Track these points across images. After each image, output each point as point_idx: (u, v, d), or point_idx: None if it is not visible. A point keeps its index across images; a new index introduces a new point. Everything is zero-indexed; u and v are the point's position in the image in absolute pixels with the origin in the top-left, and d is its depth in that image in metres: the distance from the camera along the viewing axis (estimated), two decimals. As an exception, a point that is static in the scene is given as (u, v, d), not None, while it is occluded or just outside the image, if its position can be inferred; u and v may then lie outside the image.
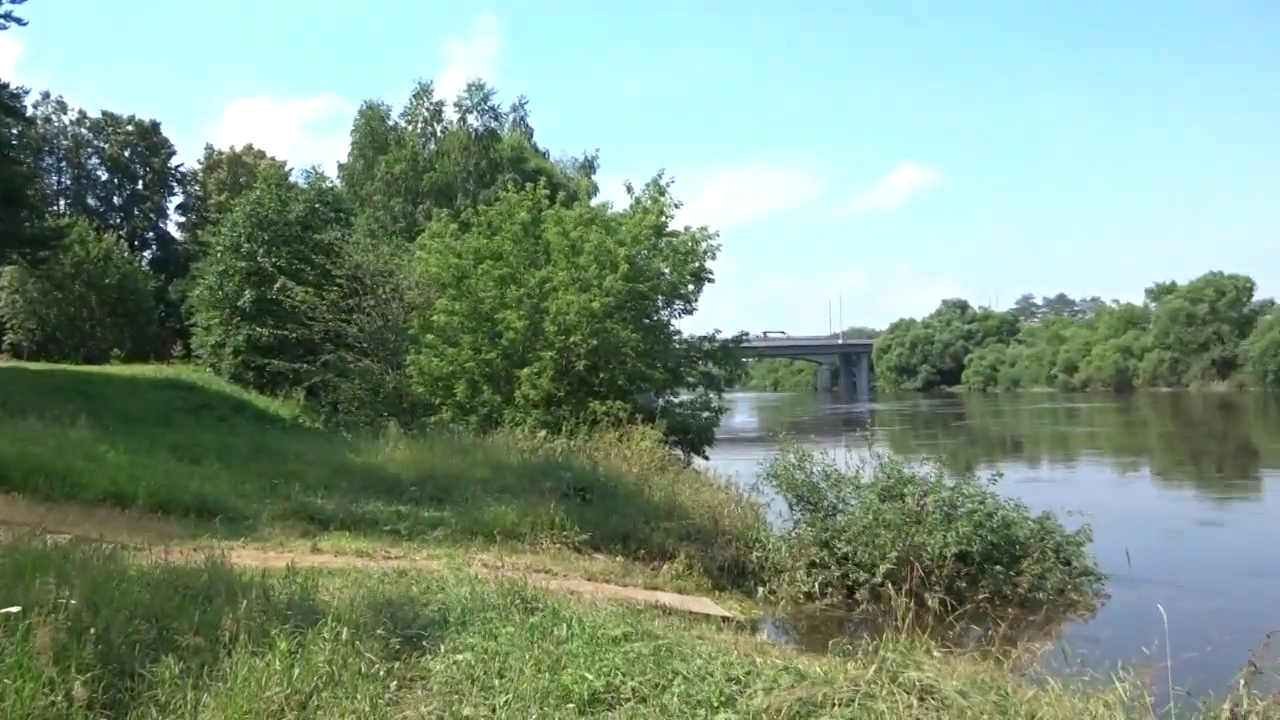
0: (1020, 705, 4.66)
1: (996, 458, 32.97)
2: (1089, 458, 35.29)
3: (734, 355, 26.12)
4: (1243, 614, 6.69)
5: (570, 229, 22.83)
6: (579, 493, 13.31)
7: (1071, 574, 11.86)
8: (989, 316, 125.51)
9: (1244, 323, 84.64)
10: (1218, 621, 5.60)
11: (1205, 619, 6.41)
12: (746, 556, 12.22)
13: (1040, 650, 5.80)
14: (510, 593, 7.03)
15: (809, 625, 10.80)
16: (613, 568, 10.52)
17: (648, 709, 4.96)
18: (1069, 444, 42.27)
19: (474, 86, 42.10)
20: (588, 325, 21.08)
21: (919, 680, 4.99)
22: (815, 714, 4.81)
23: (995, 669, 5.31)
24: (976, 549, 11.06)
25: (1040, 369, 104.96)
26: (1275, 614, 5.45)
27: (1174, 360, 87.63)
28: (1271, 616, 5.39)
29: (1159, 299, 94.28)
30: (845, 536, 11.60)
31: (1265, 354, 76.58)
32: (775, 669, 5.66)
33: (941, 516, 11.27)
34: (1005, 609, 9.78)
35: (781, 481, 12.97)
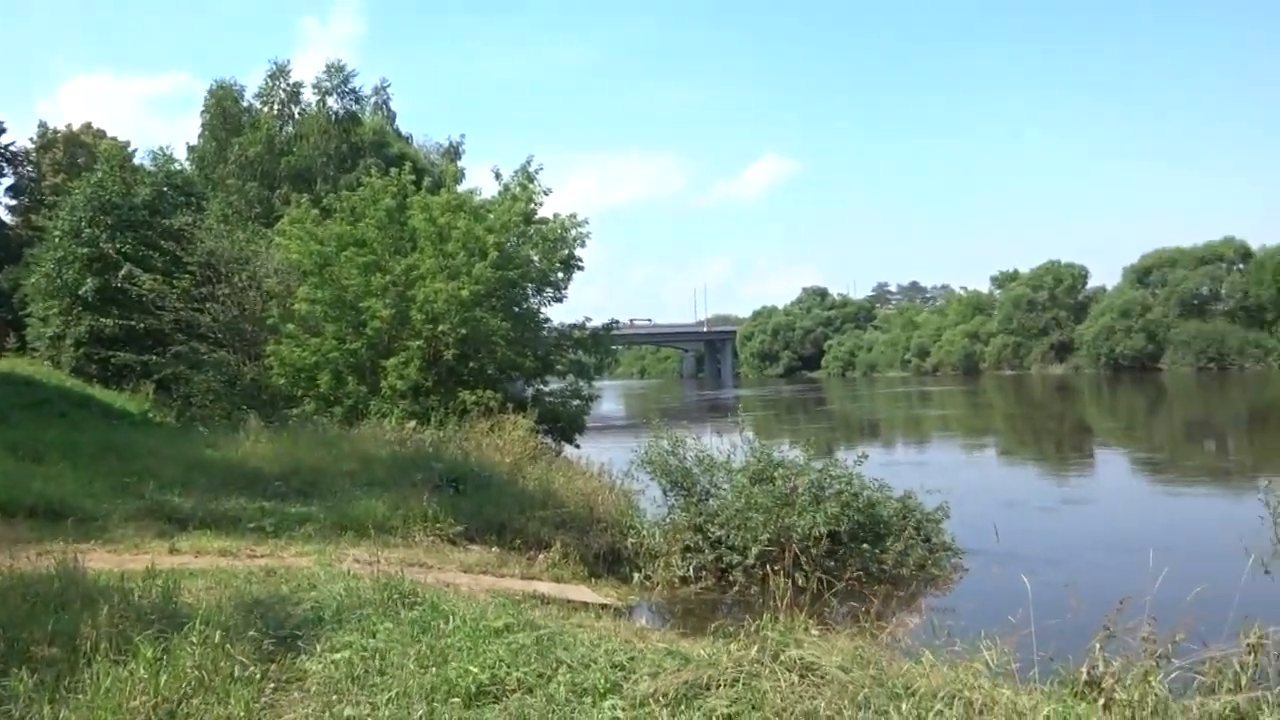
0: (896, 678, 4.83)
1: (857, 440, 34.12)
2: (942, 438, 36.95)
3: (604, 343, 26.20)
4: (1093, 585, 7.15)
5: (437, 216, 22.40)
6: (451, 484, 13.11)
7: (932, 550, 12.39)
8: (847, 304, 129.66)
9: (1079, 309, 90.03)
10: (1071, 591, 5.94)
11: (1058, 590, 6.80)
12: (622, 543, 12.29)
13: (911, 624, 6.04)
14: (387, 588, 6.87)
15: (684, 609, 10.95)
16: (489, 559, 10.41)
17: (534, 699, 4.93)
18: (923, 426, 44.13)
19: (333, 68, 40.73)
20: (456, 314, 20.76)
21: (800, 658, 5.12)
22: (701, 696, 4.87)
23: (871, 644, 5.49)
24: (844, 528, 11.43)
25: (895, 354, 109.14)
26: (1122, 583, 5.81)
27: (1017, 344, 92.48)
28: (1119, 585, 5.74)
29: (1003, 286, 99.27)
30: (718, 520, 11.80)
31: (1098, 338, 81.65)
32: (659, 653, 5.71)
33: (811, 498, 11.58)
34: (873, 586, 10.16)
35: (655, 468, 13.09)
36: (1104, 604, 5.44)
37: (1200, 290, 79.23)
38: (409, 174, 24.29)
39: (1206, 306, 78.36)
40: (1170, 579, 5.83)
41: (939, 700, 4.49)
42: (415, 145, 45.05)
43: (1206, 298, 79.04)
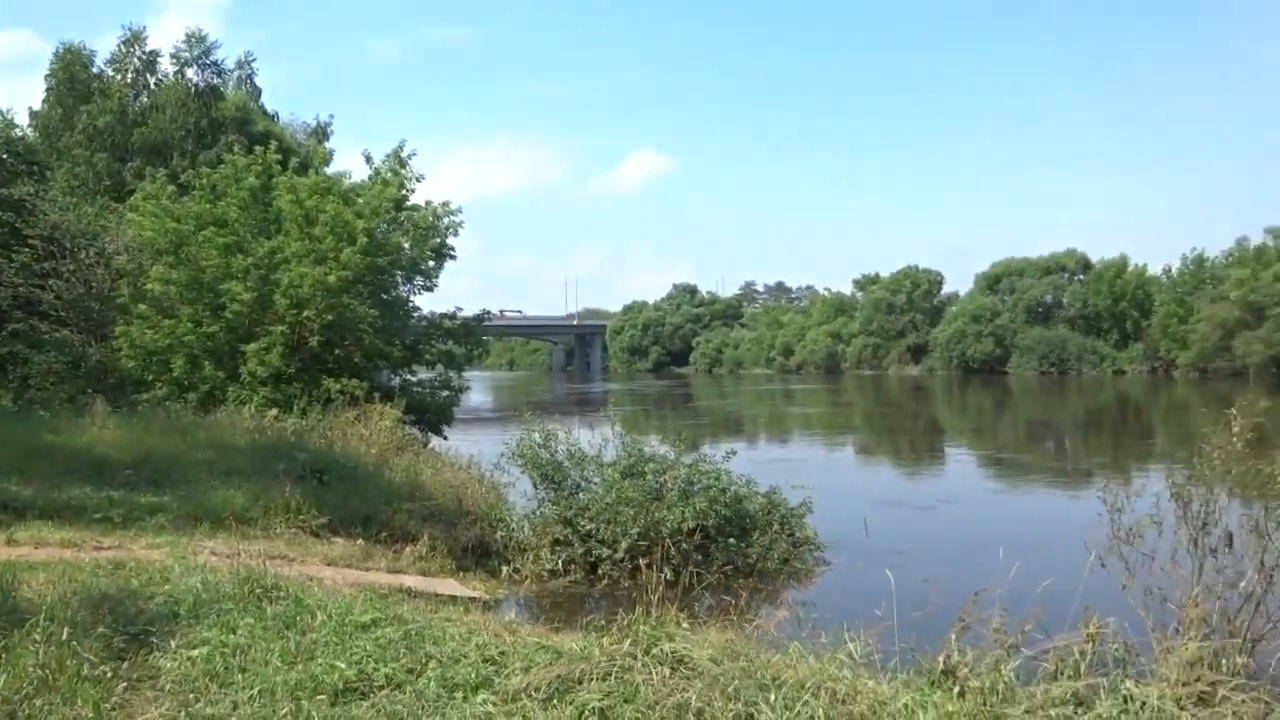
0: (765, 669, 4.94)
1: (725, 436, 34.78)
2: (806, 436, 38.03)
3: (475, 334, 25.88)
4: (950, 579, 7.49)
5: (304, 198, 21.67)
6: (315, 474, 12.72)
7: (796, 544, 12.73)
8: (715, 301, 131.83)
9: (934, 313, 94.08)
10: (930, 585, 6.21)
11: (918, 584, 7.10)
12: (491, 536, 12.18)
13: (778, 617, 6.19)
14: (248, 581, 6.62)
15: (553, 602, 10.94)
16: (353, 552, 10.16)
17: (403, 695, 4.85)
18: (787, 423, 45.34)
19: (194, 37, 38.79)
20: (322, 299, 20.13)
21: (672, 651, 5.19)
22: (574, 690, 4.88)
23: (740, 637, 5.61)
24: (712, 523, 11.62)
25: (761, 352, 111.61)
26: (976, 578, 6.10)
27: (876, 345, 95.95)
28: (973, 580, 6.04)
29: (864, 289, 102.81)
30: (589, 514, 11.82)
31: (950, 341, 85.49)
32: (530, 647, 5.69)
33: (680, 493, 11.73)
34: (739, 579, 10.40)
35: (526, 461, 13.02)
36: (960, 597, 5.70)
37: (1045, 298, 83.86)
38: (274, 153, 23.39)
39: (1050, 314, 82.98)
40: (1019, 573, 6.17)
41: (806, 691, 4.62)
42: (281, 124, 43.37)
43: (1050, 306, 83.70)
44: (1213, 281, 70.80)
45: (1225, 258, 72.32)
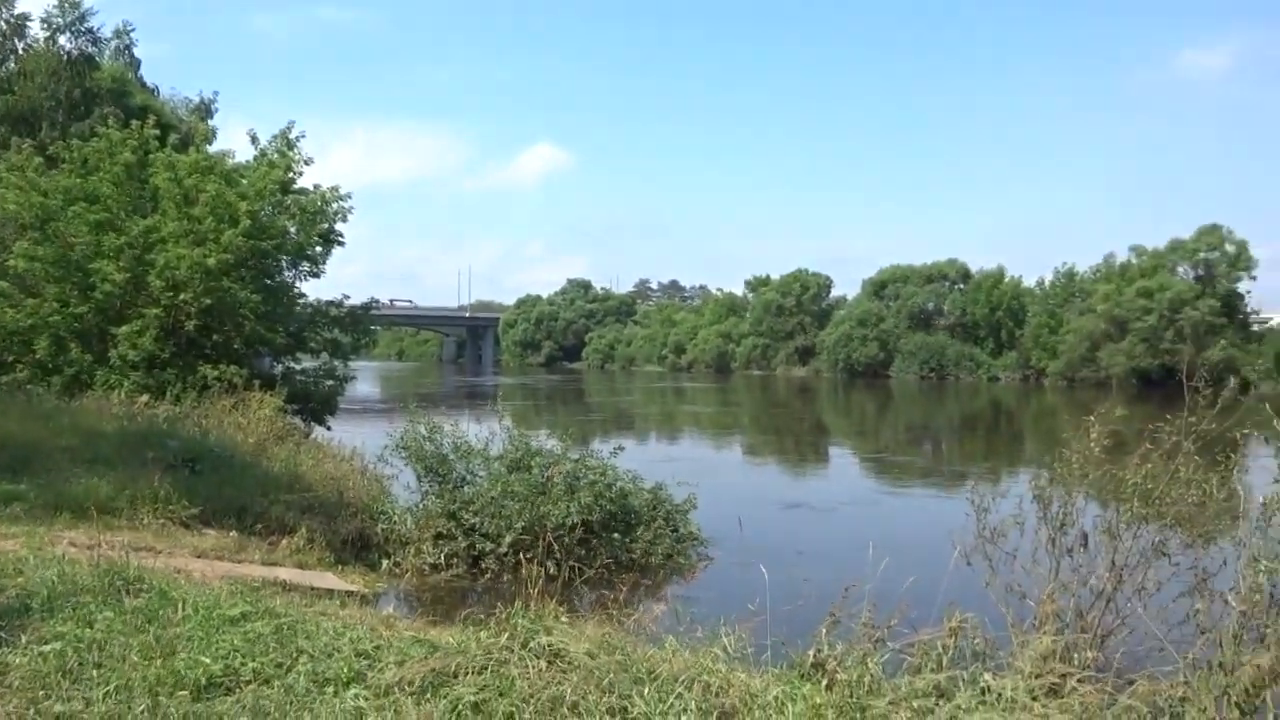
0: (641, 663, 4.99)
1: (614, 432, 34.91)
2: (695, 434, 38.46)
3: (362, 322, 25.35)
4: (825, 576, 7.71)
5: (184, 176, 20.82)
6: (187, 464, 12.27)
7: (680, 540, 12.87)
8: (609, 297, 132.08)
9: (822, 316, 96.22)
10: (805, 582, 6.37)
11: (795, 580, 7.26)
12: (372, 529, 11.96)
13: (656, 611, 6.26)
14: (108, 574, 6.34)
15: (433, 596, 10.81)
16: (226, 543, 9.82)
17: (271, 690, 4.72)
18: (677, 421, 45.78)
19: (67, 2, 36.88)
20: (201, 282, 19.40)
21: (549, 645, 5.20)
22: (448, 684, 4.84)
23: (618, 631, 5.65)
24: (597, 518, 11.66)
25: (653, 349, 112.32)
26: (850, 574, 6.29)
27: (765, 346, 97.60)
28: (847, 576, 6.22)
29: (756, 290, 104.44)
30: (473, 508, 11.72)
31: (837, 345, 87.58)
32: (406, 641, 5.62)
33: (566, 487, 11.73)
34: (622, 574, 10.46)
35: (411, 453, 12.83)
36: (834, 593, 5.87)
37: (927, 306, 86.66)
38: (153, 128, 22.41)
39: (931, 321, 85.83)
40: (891, 570, 6.38)
41: (679, 684, 4.69)
42: (161, 98, 41.54)
43: (931, 313, 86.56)
44: (1081, 295, 74.37)
45: (1093, 272, 76.06)
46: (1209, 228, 68.41)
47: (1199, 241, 68.24)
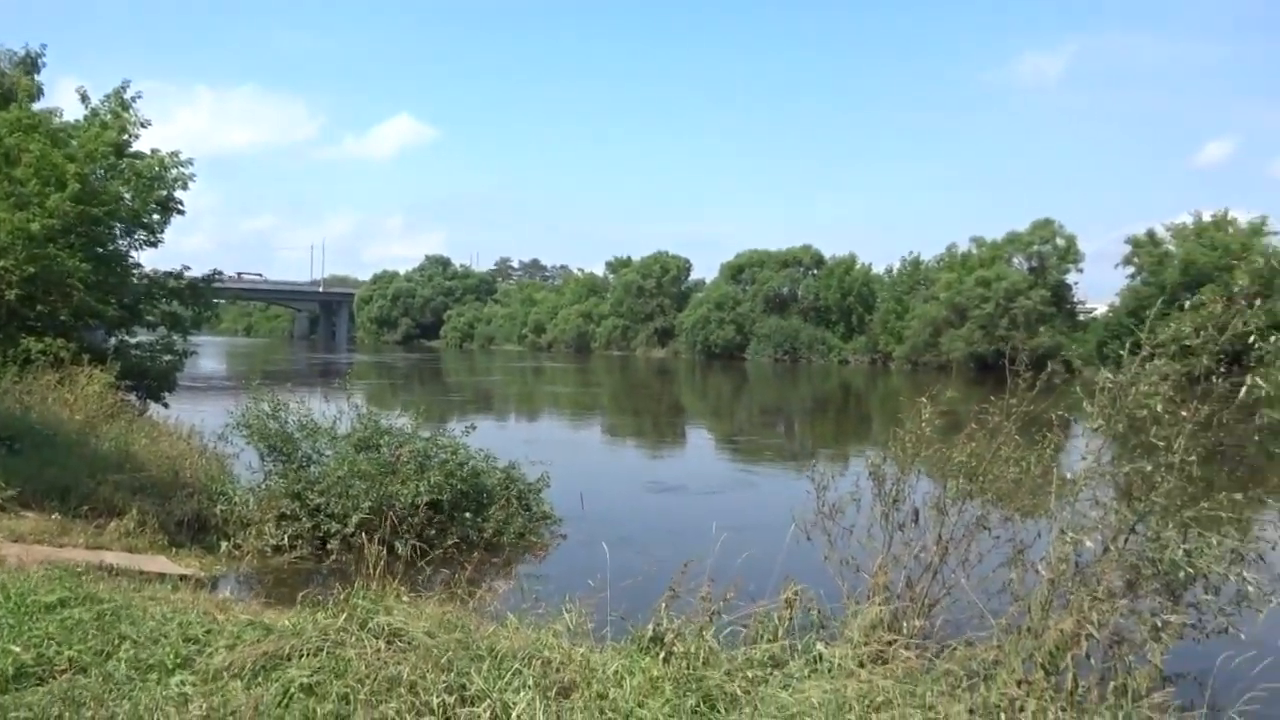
0: (482, 640, 4.99)
1: (471, 412, 34.52)
2: (553, 413, 38.43)
3: (204, 295, 24.21)
4: (673, 552, 7.86)
5: (4, 134, 19.39)
6: (5, 442, 11.51)
7: (532, 519, 12.87)
8: (469, 275, 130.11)
9: (681, 298, 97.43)
10: (647, 558, 6.48)
11: (644, 556, 7.38)
12: (210, 510, 11.49)
13: (501, 589, 6.26)
14: (-92, 560, 5.90)
15: (276, 579, 10.48)
16: (47, 527, 9.27)
17: (88, 679, 4.50)
18: (536, 400, 45.62)
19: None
20: (23, 249, 18.13)
21: (388, 624, 5.13)
22: (281, 667, 4.72)
23: (460, 609, 5.63)
24: (447, 497, 11.53)
25: (513, 329, 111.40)
26: (694, 550, 6.43)
27: (625, 327, 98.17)
28: (691, 552, 6.36)
29: (616, 271, 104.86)
30: (319, 488, 11.41)
31: (695, 327, 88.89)
32: (239, 625, 5.46)
33: (416, 467, 11.55)
34: (472, 553, 10.39)
35: (253, 432, 12.38)
36: (677, 569, 5.99)
37: (782, 290, 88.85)
38: (-33, 81, 20.78)
39: (786, 305, 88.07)
40: (733, 546, 6.56)
41: (518, 660, 4.71)
42: (-19, 49, 38.51)
43: (786, 297, 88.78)
44: (926, 283, 77.66)
45: (937, 262, 79.48)
46: (1042, 222, 72.48)
47: (1033, 235, 72.18)
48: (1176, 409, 6.68)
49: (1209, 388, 6.81)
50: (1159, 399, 6.67)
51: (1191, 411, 6.64)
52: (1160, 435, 6.70)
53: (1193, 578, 6.41)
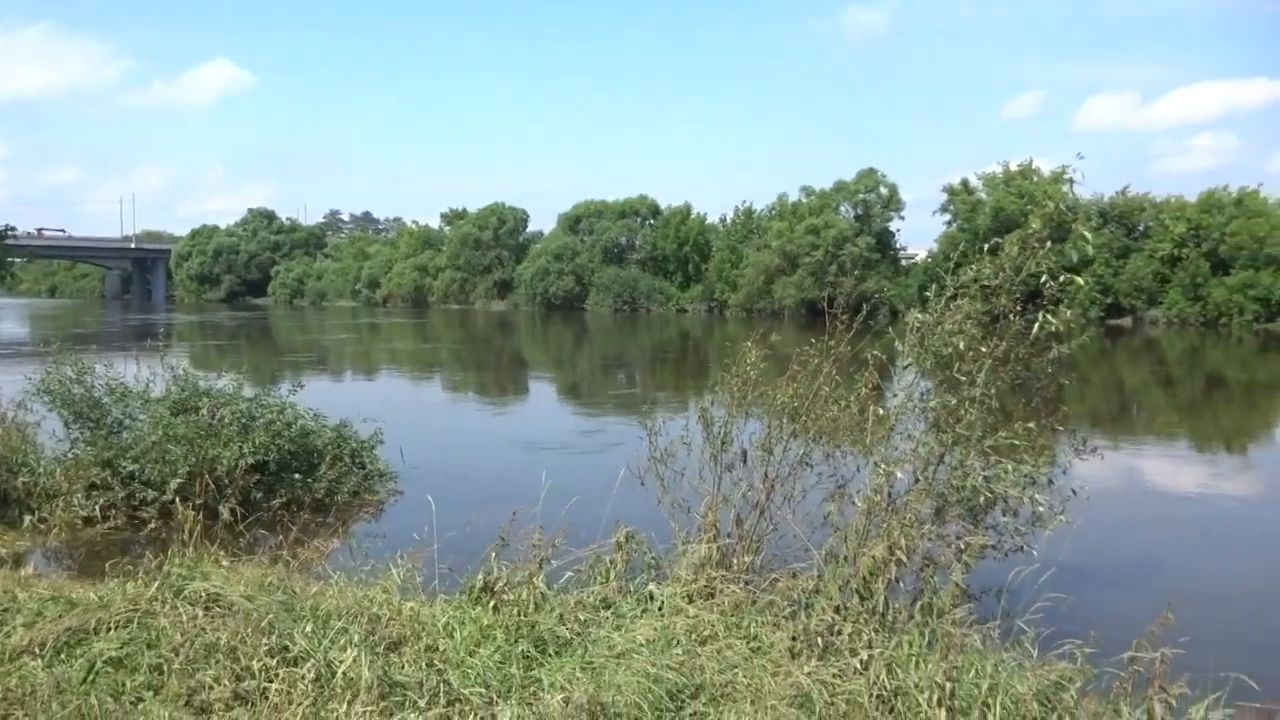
0: (306, 601, 4.87)
1: (303, 370, 33.34)
2: (391, 369, 37.55)
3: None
4: (509, 503, 7.86)
5: None
6: None
7: (367, 477, 12.60)
8: (296, 229, 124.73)
9: (520, 250, 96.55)
10: (484, 510, 6.46)
11: (481, 509, 7.33)
12: (10, 483, 10.71)
13: (328, 549, 6.12)
14: None
15: (89, 552, 9.90)
16: None
17: None
18: (372, 357, 44.45)
19: None
20: None
21: (205, 590, 4.94)
22: (87, 641, 4.49)
23: (284, 571, 5.47)
24: (274, 458, 11.14)
25: (346, 284, 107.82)
26: (527, 500, 6.44)
27: (464, 280, 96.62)
28: (524, 503, 6.36)
29: (452, 224, 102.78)
30: (132, 454, 10.81)
31: (534, 279, 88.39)
32: (40, 601, 5.14)
33: (239, 428, 11.09)
34: (302, 514, 10.08)
35: (55, 397, 11.57)
36: (518, 520, 5.98)
37: (620, 240, 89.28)
38: None
39: (624, 255, 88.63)
40: (567, 493, 6.61)
41: (344, 618, 4.63)
42: None
43: (624, 247, 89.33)
44: (758, 232, 79.60)
45: (769, 211, 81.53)
46: (866, 171, 75.35)
47: (859, 184, 75.01)
48: (978, 346, 7.12)
49: (1007, 325, 7.28)
50: (962, 337, 7.10)
51: (991, 348, 7.10)
52: (964, 370, 7.14)
53: (992, 502, 6.91)
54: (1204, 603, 9.26)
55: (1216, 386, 32.39)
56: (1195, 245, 60.16)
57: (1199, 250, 59.90)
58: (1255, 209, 60.30)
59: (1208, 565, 10.95)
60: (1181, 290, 60.09)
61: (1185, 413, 25.42)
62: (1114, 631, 5.12)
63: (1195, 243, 60.26)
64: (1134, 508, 13.74)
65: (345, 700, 4.10)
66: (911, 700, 4.53)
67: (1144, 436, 21.42)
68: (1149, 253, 61.78)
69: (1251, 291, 57.52)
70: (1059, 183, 62.32)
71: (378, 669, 4.25)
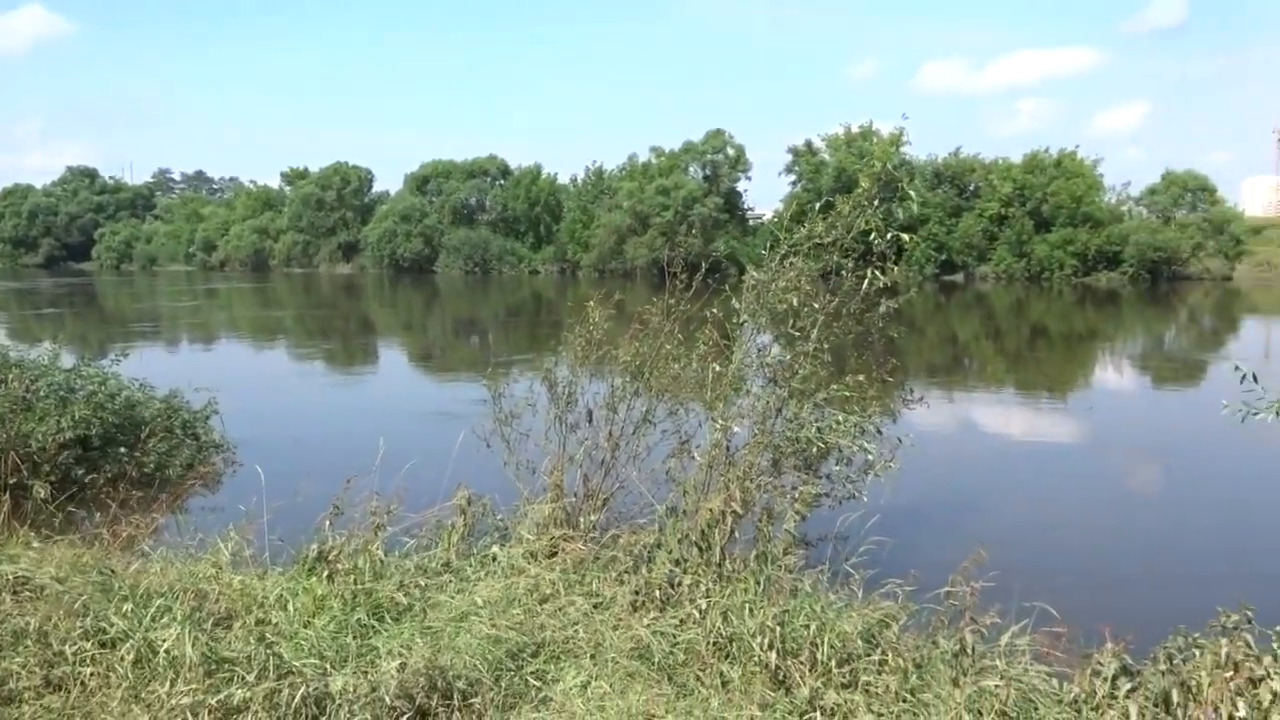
0: (125, 580, 4.65)
1: (135, 340, 31.54)
2: (232, 337, 35.94)
3: None
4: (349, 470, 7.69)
5: None
6: None
7: (201, 448, 12.07)
8: (121, 189, 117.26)
9: (365, 211, 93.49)
10: (324, 479, 6.28)
11: (316, 479, 7.11)
12: None
13: (151, 525, 5.84)
14: None
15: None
16: None
17: None
18: (211, 325, 42.40)
19: None
20: None
21: (12, 574, 4.65)
22: (-124, 635, 4.16)
23: (101, 550, 5.20)
24: (96, 432, 10.54)
25: (179, 247, 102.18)
26: (360, 467, 6.29)
27: (307, 243, 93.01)
28: (368, 470, 6.21)
29: (293, 184, 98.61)
30: (-69, 433, 10.00)
31: (381, 240, 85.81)
32: None
33: (56, 401, 10.42)
34: (129, 490, 9.59)
35: None
36: (360, 487, 5.84)
37: (469, 201, 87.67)
38: None
39: (474, 216, 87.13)
40: (406, 456, 6.50)
41: (167, 596, 4.44)
42: None
43: (474, 208, 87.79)
44: (610, 192, 79.58)
45: (620, 171, 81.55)
46: (714, 132, 76.26)
47: (707, 145, 75.87)
48: (811, 302, 7.35)
49: (840, 282, 7.54)
50: (796, 293, 7.32)
51: (824, 304, 7.35)
52: (798, 326, 7.38)
53: (826, 452, 7.19)
54: (1016, 539, 9.97)
55: (1039, 337, 34.51)
56: (1020, 205, 63.54)
57: (1024, 209, 63.31)
58: (1073, 170, 64.09)
59: (1022, 505, 11.75)
60: (1008, 247, 63.45)
61: (1012, 362, 27.00)
62: (934, 570, 5.43)
63: (1020, 202, 63.65)
64: (961, 453, 14.58)
65: (168, 680, 3.94)
66: (745, 645, 4.70)
67: (974, 386, 22.66)
68: (979, 212, 64.88)
69: (1070, 248, 61.33)
70: (896, 144, 64.86)
71: (202, 646, 4.09)
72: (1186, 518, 11.43)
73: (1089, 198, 62.37)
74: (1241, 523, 11.00)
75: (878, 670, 4.56)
